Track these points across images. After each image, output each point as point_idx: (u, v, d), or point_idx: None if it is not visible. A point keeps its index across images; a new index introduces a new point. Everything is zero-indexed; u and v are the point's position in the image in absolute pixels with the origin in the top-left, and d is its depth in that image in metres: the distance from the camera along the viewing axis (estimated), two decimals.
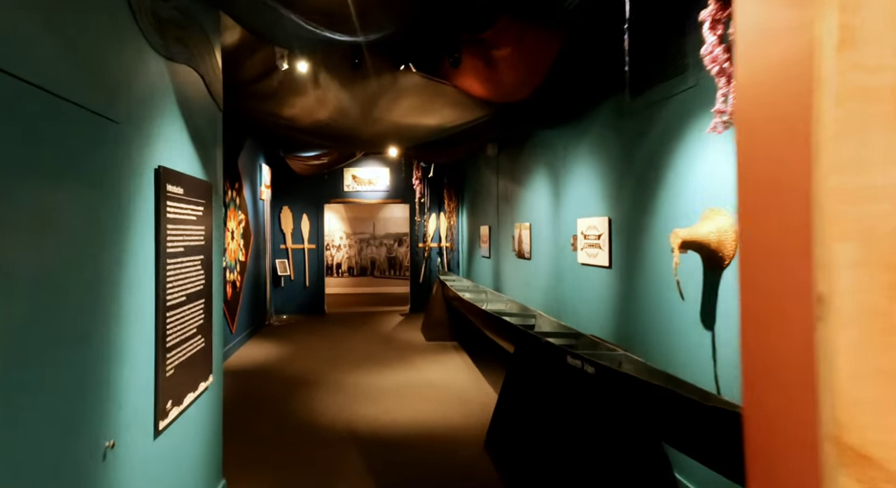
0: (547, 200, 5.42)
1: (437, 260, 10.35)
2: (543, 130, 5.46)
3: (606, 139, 4.14)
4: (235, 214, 7.10)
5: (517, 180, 6.43)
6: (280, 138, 6.10)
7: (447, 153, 6.35)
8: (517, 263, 6.44)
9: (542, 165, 5.56)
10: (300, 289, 10.22)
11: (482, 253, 8.33)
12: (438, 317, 7.80)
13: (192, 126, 2.63)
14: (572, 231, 4.72)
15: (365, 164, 10.36)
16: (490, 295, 6.98)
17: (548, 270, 5.40)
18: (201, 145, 2.77)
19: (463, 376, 5.79)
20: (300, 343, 7.66)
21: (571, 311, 4.71)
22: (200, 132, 2.78)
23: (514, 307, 5.81)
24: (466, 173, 9.68)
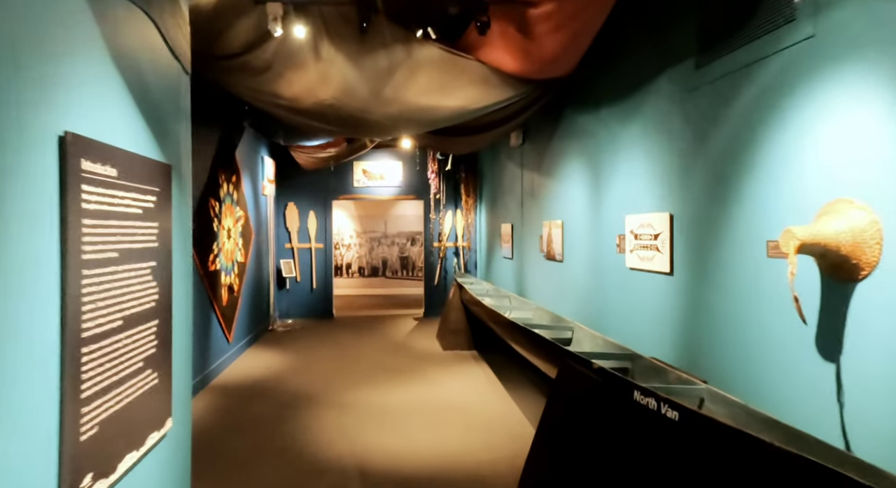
0: (584, 194, 4.69)
1: (453, 261, 9.65)
2: (581, 114, 4.73)
3: (666, 119, 3.40)
4: (233, 211, 6.46)
5: (546, 172, 5.71)
6: (279, 123, 5.42)
7: (469, 142, 5.64)
8: (546, 266, 5.72)
9: (579, 154, 4.84)
10: (306, 292, 9.58)
11: (503, 253, 7.62)
12: (456, 323, 7.10)
13: (138, 87, 1.95)
14: (618, 230, 4.00)
15: (376, 158, 9.68)
16: (514, 301, 6.27)
17: (585, 275, 4.68)
18: (154, 114, 2.09)
19: (486, 394, 5.09)
20: (305, 351, 7.00)
21: (617, 325, 3.98)
22: (153, 97, 2.10)
23: (545, 316, 5.09)
24: (485, 166, 8.96)
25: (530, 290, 6.30)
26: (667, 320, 3.34)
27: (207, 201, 5.52)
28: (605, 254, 4.23)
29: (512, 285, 7.12)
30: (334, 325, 8.96)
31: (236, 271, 6.58)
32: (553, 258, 5.46)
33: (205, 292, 5.47)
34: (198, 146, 5.59)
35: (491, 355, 6.58)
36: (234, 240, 6.52)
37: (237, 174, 6.66)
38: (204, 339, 5.45)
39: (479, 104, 4.57)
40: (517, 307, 5.93)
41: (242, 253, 6.89)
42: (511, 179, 7.20)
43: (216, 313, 5.82)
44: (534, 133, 6.19)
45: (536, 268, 6.06)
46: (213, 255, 5.63)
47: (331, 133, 5.07)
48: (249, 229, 7.29)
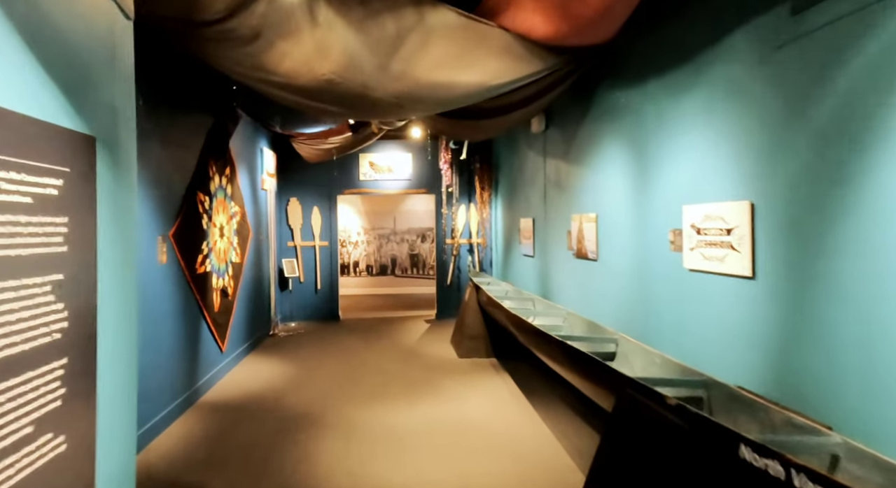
0: (625, 183, 4.03)
1: (467, 259, 9.00)
2: (620, 90, 4.06)
3: (742, 86, 2.74)
4: (226, 206, 5.86)
5: (576, 160, 5.05)
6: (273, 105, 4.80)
7: (487, 127, 4.99)
8: (576, 265, 5.06)
9: (617, 137, 4.17)
10: (310, 293, 8.98)
11: (523, 251, 6.97)
12: (473, 328, 6.47)
13: (40, 28, 1.33)
14: (671, 223, 3.34)
15: (383, 149, 9.05)
16: (538, 304, 5.62)
17: (626, 276, 4.03)
18: (69, 69, 1.47)
19: (511, 413, 4.45)
20: (307, 359, 6.40)
21: (672, 338, 3.33)
22: (69, 45, 1.47)
23: (578, 324, 4.44)
24: (501, 156, 8.29)
25: (556, 293, 5.64)
26: (748, 336, 2.68)
27: (195, 196, 4.92)
28: (655, 253, 3.57)
29: (534, 286, 6.47)
30: (340, 329, 8.35)
31: (231, 273, 5.98)
32: (584, 256, 4.80)
33: (192, 298, 4.88)
34: (182, 134, 4.98)
35: (512, 364, 5.94)
36: (228, 238, 5.92)
37: (232, 166, 6.06)
38: (192, 351, 4.85)
39: (502, 79, 3.91)
40: (543, 312, 5.28)
41: (238, 252, 6.29)
42: (532, 169, 6.54)
43: (206, 321, 5.22)
44: (559, 116, 5.52)
45: (564, 267, 5.41)
46: (201, 256, 5.03)
47: (331, 115, 4.45)
48: (247, 226, 6.70)
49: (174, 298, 4.47)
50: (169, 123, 4.46)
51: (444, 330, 8.04)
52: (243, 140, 6.69)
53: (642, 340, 3.53)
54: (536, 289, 6.36)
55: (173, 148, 4.51)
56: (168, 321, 4.35)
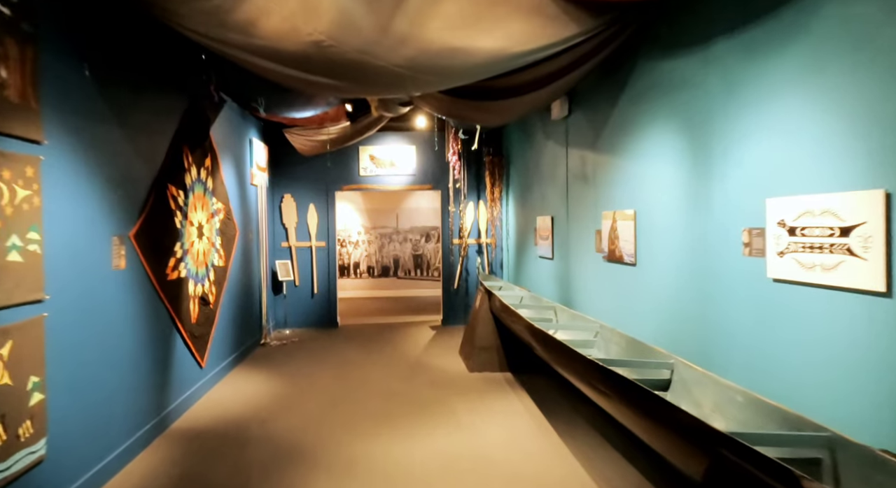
0: (675, 173, 3.34)
1: (475, 260, 8.30)
2: (671, 59, 3.36)
3: (870, 34, 2.04)
4: (206, 202, 5.17)
5: (607, 148, 4.35)
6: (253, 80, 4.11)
7: (504, 109, 4.29)
8: (607, 270, 4.37)
9: (665, 118, 3.47)
10: (307, 297, 8.29)
11: (539, 252, 6.27)
12: (485, 339, 5.78)
13: None
14: (746, 220, 2.65)
15: (385, 141, 8.36)
16: (562, 314, 4.92)
17: (677, 285, 3.33)
18: None
19: (535, 443, 3.76)
20: (299, 374, 5.72)
21: (747, 367, 2.63)
22: None
23: (615, 340, 3.74)
24: (512, 148, 7.58)
25: (582, 301, 4.94)
26: (879, 374, 1.98)
27: (165, 189, 4.23)
28: (719, 258, 2.87)
29: (553, 292, 5.78)
30: (338, 336, 7.67)
31: (212, 278, 5.30)
32: (619, 260, 4.10)
33: (162, 308, 4.19)
34: (147, 117, 4.11)
35: (530, 379, 5.25)
36: (209, 238, 5.23)
37: (213, 157, 5.37)
38: (161, 370, 4.17)
39: (529, 45, 3.21)
40: (568, 324, 4.58)
41: (221, 255, 5.60)
42: (551, 161, 5.84)
43: (181, 333, 4.53)
44: (586, 99, 4.82)
45: (591, 272, 4.71)
46: (174, 260, 4.34)
47: (324, 91, 3.77)
48: (232, 225, 6.01)
49: (137, 309, 3.78)
50: (130, 103, 3.77)
51: (451, 337, 7.36)
52: (228, 129, 6.00)
53: (703, 366, 2.83)
54: (556, 295, 5.66)
55: (136, 132, 3.82)
56: (128, 336, 3.67)
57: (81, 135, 3.13)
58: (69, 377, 2.95)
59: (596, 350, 3.88)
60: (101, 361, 3.28)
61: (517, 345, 5.53)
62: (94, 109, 3.28)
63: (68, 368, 2.95)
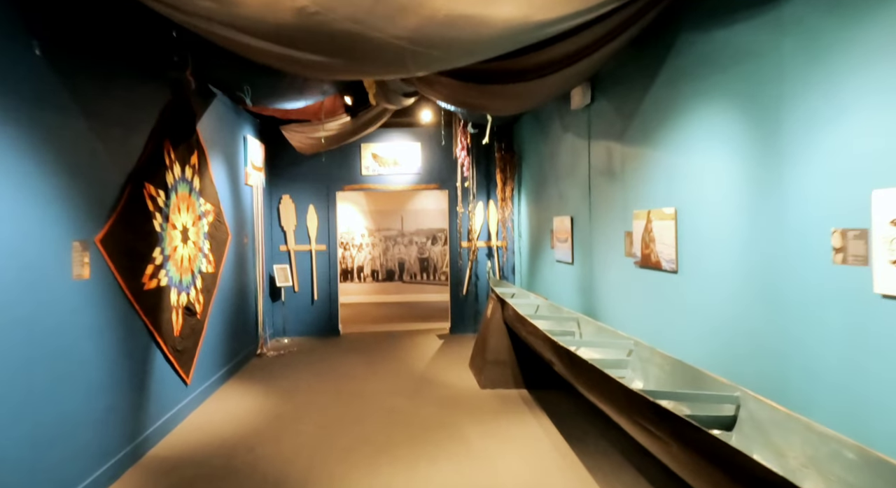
0: (732, 163, 2.84)
1: (486, 264, 7.81)
2: (725, 28, 2.85)
3: None
4: (192, 203, 4.71)
5: (639, 139, 3.86)
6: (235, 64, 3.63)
7: (524, 93, 3.80)
8: (641, 278, 3.86)
9: (717, 98, 2.97)
10: (306, 304, 7.83)
11: (557, 256, 5.78)
12: (497, 351, 5.29)
13: None
14: (837, 220, 2.15)
15: (388, 138, 7.89)
16: (585, 326, 4.42)
17: (733, 298, 2.83)
18: None
19: (557, 477, 3.26)
20: (295, 389, 5.24)
21: (841, 409, 2.12)
22: None
23: (655, 361, 3.23)
24: (525, 142, 7.08)
25: (609, 312, 4.44)
26: None
27: (141, 188, 3.77)
28: (797, 266, 2.37)
29: (574, 300, 5.28)
30: (339, 346, 7.19)
31: (200, 285, 4.83)
32: (655, 266, 3.60)
33: (138, 321, 3.73)
34: (120, 108, 3.44)
35: (548, 397, 4.75)
36: (196, 243, 4.77)
37: (201, 155, 4.91)
38: (136, 391, 3.70)
39: (553, 13, 2.72)
40: (594, 340, 4.08)
41: (211, 260, 5.14)
42: (570, 155, 5.34)
43: (161, 348, 4.07)
44: (612, 83, 4.33)
45: (620, 279, 4.21)
46: (152, 267, 3.88)
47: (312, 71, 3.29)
48: (223, 229, 5.55)
49: (105, 324, 3.32)
50: (99, 91, 3.32)
51: (459, 347, 6.87)
52: (219, 125, 5.55)
53: (775, 397, 2.33)
54: (577, 304, 5.16)
55: (106, 125, 3.37)
56: (94, 356, 3.20)
57: (32, 126, 2.68)
58: (11, 409, 2.48)
59: (630, 371, 3.38)
60: (55, 387, 2.81)
61: (533, 358, 5.04)
62: (49, 97, 2.82)
63: (13, 398, 2.48)
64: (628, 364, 3.42)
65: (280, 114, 5.45)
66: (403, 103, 5.37)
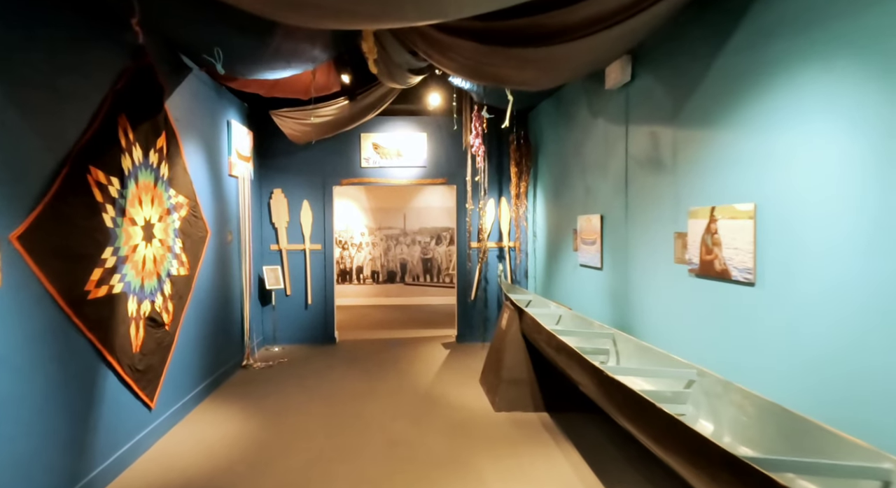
0: (842, 147, 2.15)
1: (497, 268, 7.09)
2: None
3: None
4: (159, 195, 4.01)
5: (698, 119, 3.14)
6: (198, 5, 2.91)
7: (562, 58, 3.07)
8: (698, 289, 3.15)
9: (829, 60, 2.27)
10: (299, 309, 7.12)
11: (581, 259, 5.06)
12: (514, 369, 4.58)
13: None
14: None
15: (390, 127, 7.17)
16: (621, 344, 3.70)
17: (839, 321, 2.14)
18: None
19: None
20: (282, 410, 4.54)
21: None
22: None
23: (739, 403, 2.51)
24: (543, 131, 6.36)
25: (653, 328, 3.73)
26: None
27: (85, 173, 3.07)
28: None
29: (603, 312, 4.56)
30: (335, 356, 6.49)
31: (168, 291, 4.14)
32: (720, 276, 2.89)
33: (79, 337, 3.03)
34: (55, 72, 2.59)
35: (574, 422, 4.05)
36: (164, 241, 4.07)
37: (171, 137, 4.21)
38: (78, 424, 3.01)
39: None
40: (639, 363, 3.37)
41: (185, 261, 4.44)
42: (601, 144, 4.63)
43: (115, 368, 3.37)
44: (662, 55, 3.62)
45: (669, 290, 3.50)
46: (99, 271, 3.18)
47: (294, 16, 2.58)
48: (201, 225, 4.85)
49: (27, 344, 2.62)
50: (21, 47, 2.62)
51: (468, 358, 6.17)
52: (195, 104, 4.85)
53: None
54: (607, 316, 4.44)
55: (29, 91, 2.67)
56: (13, 384, 2.51)
57: None
58: None
59: (692, 408, 2.67)
60: None
61: (554, 375, 4.34)
62: None
63: None
64: (687, 398, 2.70)
65: (264, 90, 4.73)
66: (409, 81, 4.67)
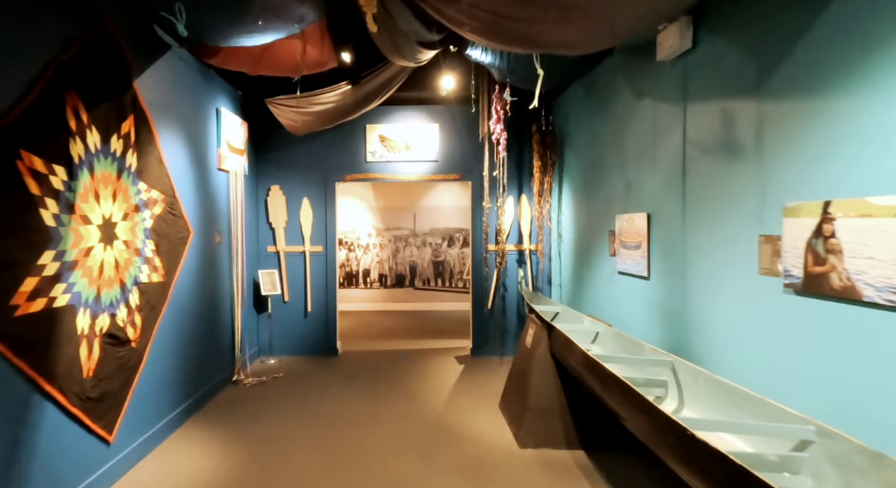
0: None
1: (518, 273, 6.39)
2: None
3: None
4: (124, 188, 3.36)
5: (802, 87, 2.44)
6: None
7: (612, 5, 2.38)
8: (807, 311, 2.43)
9: None
10: (298, 317, 6.47)
11: (622, 266, 4.35)
12: (542, 396, 3.89)
13: None
14: None
15: (399, 117, 6.50)
16: (686, 376, 2.97)
17: None
18: None
19: None
20: (269, 441, 3.87)
21: None
22: None
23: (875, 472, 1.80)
24: (569, 119, 5.63)
25: (725, 357, 3.01)
26: None
27: (13, 158, 2.42)
28: None
29: (651, 330, 3.86)
30: (336, 369, 5.82)
31: (137, 301, 3.48)
32: (841, 295, 2.18)
33: (3, 363, 2.38)
34: None
35: (617, 463, 3.35)
36: (130, 243, 3.42)
37: (141, 122, 3.56)
38: (1, 468, 2.36)
39: None
40: (744, 421, 2.64)
41: (157, 265, 3.79)
42: (647, 129, 3.93)
43: (54, 399, 2.72)
44: (733, 16, 2.91)
45: (753, 309, 2.78)
46: (34, 280, 2.54)
47: None
48: (181, 224, 4.20)
49: None
50: None
51: (485, 376, 5.48)
52: (178, 88, 4.20)
53: None
54: (657, 337, 3.74)
55: None
56: None
57: None
58: None
59: (811, 480, 1.95)
60: None
61: (589, 403, 3.66)
62: None
63: None
64: (802, 464, 1.99)
65: (249, 67, 4.06)
66: (419, 57, 3.99)
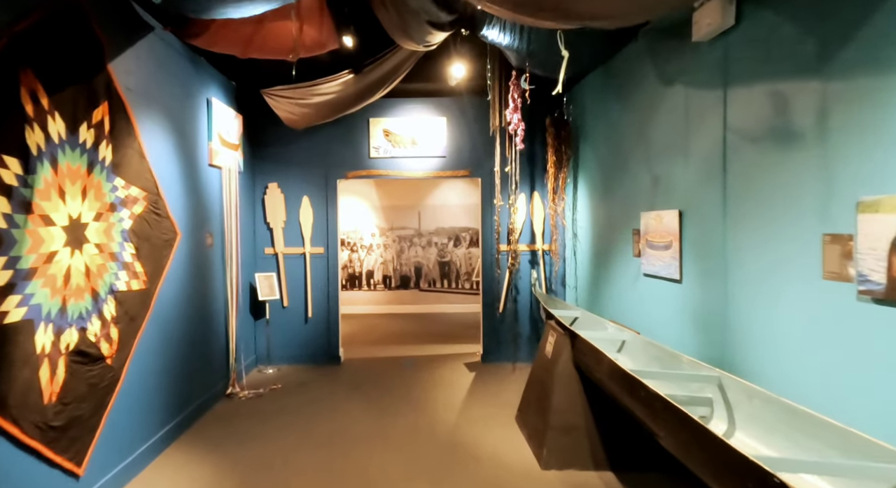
0: None
1: (531, 275, 6.01)
2: None
3: None
4: (96, 185, 3.00)
5: (882, 60, 2.05)
6: None
7: None
8: (887, 322, 2.05)
9: None
10: (298, 323, 6.11)
11: (648, 268, 3.97)
12: (566, 412, 3.51)
13: None
14: None
15: (404, 110, 6.13)
16: (737, 394, 2.59)
17: None
18: None
19: None
20: (263, 466, 3.51)
21: None
22: None
23: None
24: (588, 109, 5.25)
25: (774, 372, 2.64)
26: None
27: None
28: None
29: (684, 338, 3.48)
30: (338, 379, 5.46)
31: (113, 312, 3.13)
32: None
33: None
34: None
35: (647, 483, 2.99)
36: (104, 246, 3.06)
37: (117, 110, 3.20)
38: None
39: None
40: (834, 461, 2.26)
41: (138, 271, 3.43)
42: (680, 117, 3.54)
43: (6, 432, 2.36)
44: None
45: (815, 318, 2.40)
46: None
47: None
48: (167, 225, 3.84)
49: None
50: None
51: (498, 385, 5.11)
52: (162, 74, 3.85)
53: None
54: (692, 347, 3.35)
55: None
56: None
57: None
58: None
59: None
60: None
61: (619, 419, 3.28)
62: None
63: None
64: None
65: (239, 49, 3.70)
66: (429, 40, 3.61)
